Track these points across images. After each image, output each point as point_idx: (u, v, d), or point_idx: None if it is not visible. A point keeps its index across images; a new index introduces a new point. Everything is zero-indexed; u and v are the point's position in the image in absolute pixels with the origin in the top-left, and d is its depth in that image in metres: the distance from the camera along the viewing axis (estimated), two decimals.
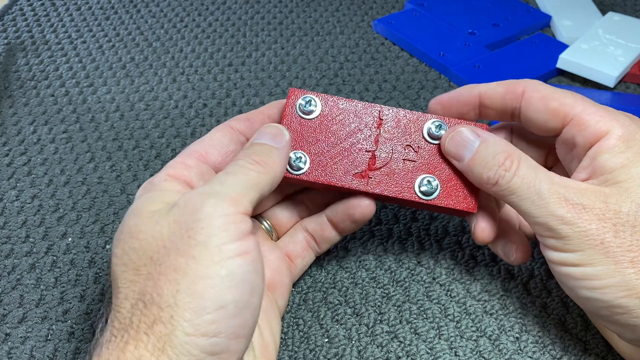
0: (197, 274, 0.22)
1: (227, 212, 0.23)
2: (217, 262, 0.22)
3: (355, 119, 0.30)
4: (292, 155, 0.29)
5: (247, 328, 0.23)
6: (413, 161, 0.29)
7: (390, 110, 0.30)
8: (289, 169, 0.29)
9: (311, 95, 0.30)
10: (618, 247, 0.24)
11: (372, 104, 0.30)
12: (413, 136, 0.30)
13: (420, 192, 0.29)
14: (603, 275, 0.24)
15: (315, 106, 0.30)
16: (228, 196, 0.24)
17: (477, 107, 0.30)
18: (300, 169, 0.29)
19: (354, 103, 0.30)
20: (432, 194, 0.29)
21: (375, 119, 0.30)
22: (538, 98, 0.28)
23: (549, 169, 0.31)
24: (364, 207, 0.30)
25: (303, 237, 0.32)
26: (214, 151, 0.29)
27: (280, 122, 0.30)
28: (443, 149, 0.29)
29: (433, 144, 0.30)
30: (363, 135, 0.30)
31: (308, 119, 0.30)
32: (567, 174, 0.29)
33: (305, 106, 0.30)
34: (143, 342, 0.21)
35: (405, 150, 0.30)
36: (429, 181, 0.29)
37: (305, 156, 0.29)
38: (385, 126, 0.30)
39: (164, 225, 0.23)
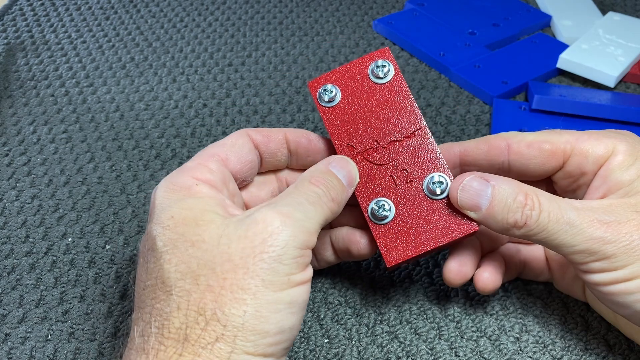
0: (266, 299, 0.22)
1: (302, 245, 0.24)
2: (284, 289, 0.23)
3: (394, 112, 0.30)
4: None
5: (291, 346, 0.25)
6: (395, 185, 0.29)
7: (424, 134, 0.29)
8: None
9: (388, 63, 0.30)
10: None
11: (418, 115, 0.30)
12: (415, 168, 0.29)
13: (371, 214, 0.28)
14: None
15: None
16: (307, 230, 0.24)
17: (457, 166, 0.30)
18: None
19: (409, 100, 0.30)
20: (385, 218, 0.28)
21: (411, 130, 0.29)
22: (527, 146, 0.28)
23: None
24: (361, 247, 0.30)
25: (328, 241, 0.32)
26: (234, 158, 0.29)
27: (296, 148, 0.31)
28: (455, 203, 0.27)
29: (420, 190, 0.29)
30: (386, 131, 0.29)
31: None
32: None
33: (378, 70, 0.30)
34: (201, 357, 0.22)
35: (400, 172, 0.29)
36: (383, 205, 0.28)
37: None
38: (410, 141, 0.29)
39: (233, 240, 0.23)
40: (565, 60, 0.49)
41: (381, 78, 0.30)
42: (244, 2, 0.63)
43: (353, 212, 0.30)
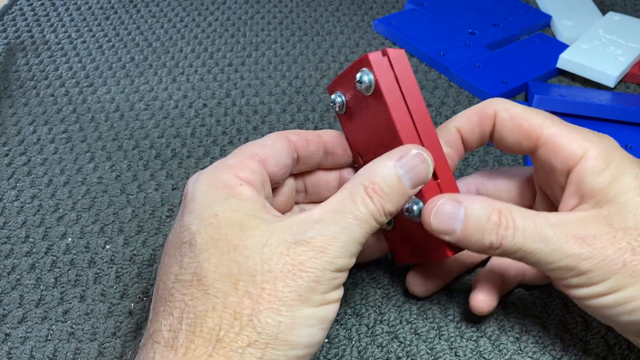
0: (301, 313, 0.23)
1: (340, 269, 0.24)
2: (318, 306, 0.23)
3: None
4: None
5: None
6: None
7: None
8: None
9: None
10: None
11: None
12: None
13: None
14: (636, 295, 0.24)
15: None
16: (349, 254, 0.24)
17: (460, 143, 0.29)
18: None
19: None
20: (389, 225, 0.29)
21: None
22: (508, 118, 0.28)
23: (534, 198, 0.31)
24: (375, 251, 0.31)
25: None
26: (272, 161, 0.28)
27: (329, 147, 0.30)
28: (429, 228, 0.26)
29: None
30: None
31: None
32: (551, 199, 0.29)
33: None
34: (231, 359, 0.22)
35: None
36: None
37: None
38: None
39: (275, 253, 0.23)
40: (565, 60, 0.49)
41: (366, 90, 0.27)
42: (244, 2, 0.63)
43: None
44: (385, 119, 0.27)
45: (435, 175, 0.27)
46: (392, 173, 0.25)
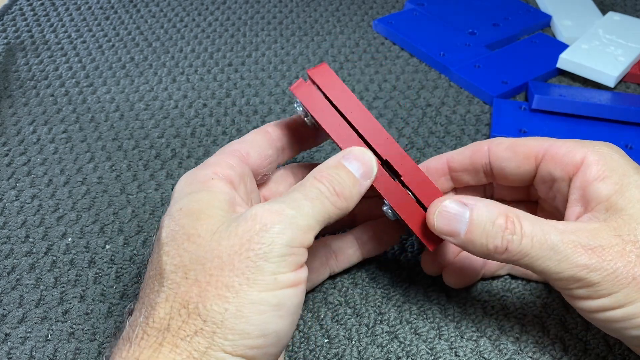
0: (249, 298, 0.22)
1: (292, 243, 0.23)
2: (269, 289, 0.22)
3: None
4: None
5: (279, 355, 0.24)
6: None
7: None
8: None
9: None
10: None
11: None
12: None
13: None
14: None
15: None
16: (298, 227, 0.23)
17: (447, 174, 0.31)
18: None
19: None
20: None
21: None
22: (504, 148, 0.28)
23: (536, 206, 0.31)
24: (393, 234, 0.31)
25: (323, 253, 0.32)
26: (254, 153, 0.29)
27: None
28: (432, 228, 0.26)
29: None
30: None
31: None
32: (555, 210, 0.29)
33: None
34: (179, 348, 0.21)
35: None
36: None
37: None
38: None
39: (224, 237, 0.23)
40: (565, 60, 0.49)
41: (306, 118, 0.29)
42: (244, 2, 0.63)
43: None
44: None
45: (397, 174, 0.27)
46: (339, 165, 0.26)
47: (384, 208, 0.28)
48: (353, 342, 0.30)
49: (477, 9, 0.58)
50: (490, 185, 0.32)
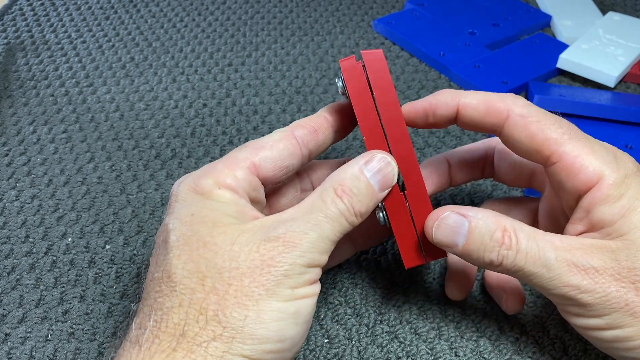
0: (269, 307, 0.23)
1: (311, 264, 0.24)
2: (288, 300, 0.23)
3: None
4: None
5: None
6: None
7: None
8: None
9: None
10: None
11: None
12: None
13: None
14: (636, 336, 0.23)
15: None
16: (318, 251, 0.24)
17: (453, 119, 0.27)
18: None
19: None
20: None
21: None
22: (523, 126, 0.25)
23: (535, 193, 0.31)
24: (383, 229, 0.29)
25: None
26: (269, 165, 0.27)
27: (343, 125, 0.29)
28: (430, 239, 0.26)
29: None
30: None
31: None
32: (557, 218, 0.29)
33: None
34: (195, 353, 0.22)
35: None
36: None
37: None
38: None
39: (244, 250, 0.23)
40: (565, 60, 0.49)
41: (342, 94, 0.28)
42: (244, 2, 0.63)
43: None
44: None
45: (403, 187, 0.27)
46: (360, 175, 0.25)
47: (377, 212, 0.27)
48: (353, 342, 0.30)
49: (477, 9, 0.58)
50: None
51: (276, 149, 0.27)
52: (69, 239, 0.37)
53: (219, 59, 0.54)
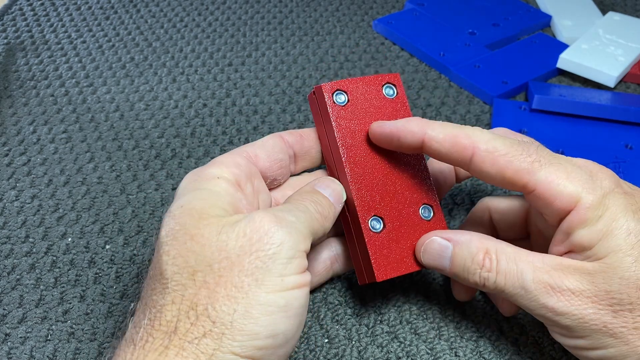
0: (258, 299, 0.22)
1: (297, 246, 0.24)
2: (278, 290, 0.23)
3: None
4: None
5: (286, 357, 0.24)
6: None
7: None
8: None
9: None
10: (622, 327, 0.23)
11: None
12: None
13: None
14: (619, 356, 0.23)
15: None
16: (300, 232, 0.24)
17: (419, 148, 0.27)
18: None
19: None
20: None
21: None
22: (491, 162, 0.25)
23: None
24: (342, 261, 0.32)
25: (328, 256, 0.32)
26: (264, 156, 0.29)
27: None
28: (420, 263, 0.28)
29: None
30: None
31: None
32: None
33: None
34: (186, 351, 0.21)
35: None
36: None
37: None
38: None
39: (231, 238, 0.23)
40: (566, 60, 0.49)
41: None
42: (244, 2, 0.63)
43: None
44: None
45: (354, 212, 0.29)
46: (314, 190, 0.28)
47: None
48: (353, 342, 0.30)
49: (477, 9, 0.58)
50: None
51: (267, 144, 0.30)
52: (69, 239, 0.37)
53: (219, 59, 0.54)
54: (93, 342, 0.31)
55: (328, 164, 0.31)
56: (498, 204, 0.31)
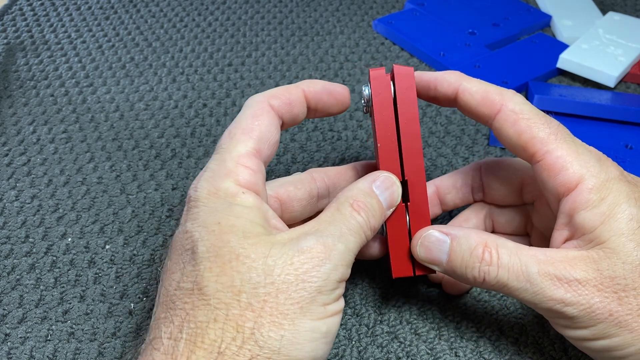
0: (304, 326, 0.22)
1: (342, 278, 0.24)
2: (321, 318, 0.23)
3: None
4: None
5: None
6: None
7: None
8: None
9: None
10: (627, 314, 0.23)
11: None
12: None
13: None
14: (623, 345, 0.23)
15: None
16: (347, 264, 0.24)
17: (453, 100, 0.28)
18: None
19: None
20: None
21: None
22: (512, 122, 0.26)
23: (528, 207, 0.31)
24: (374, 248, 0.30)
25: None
26: (265, 146, 0.27)
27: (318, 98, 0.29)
28: (416, 257, 0.27)
29: None
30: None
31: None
32: (549, 213, 0.29)
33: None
34: None
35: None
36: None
37: None
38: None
39: (278, 264, 0.23)
40: (566, 60, 0.49)
41: (366, 102, 0.29)
42: (244, 2, 0.63)
43: None
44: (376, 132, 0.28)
45: (406, 199, 0.28)
46: (371, 192, 0.26)
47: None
48: (353, 342, 0.30)
49: (477, 9, 0.58)
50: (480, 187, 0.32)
51: (264, 127, 0.27)
52: (69, 239, 0.37)
53: (218, 59, 0.54)
54: (93, 342, 0.31)
55: (385, 154, 0.28)
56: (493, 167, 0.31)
